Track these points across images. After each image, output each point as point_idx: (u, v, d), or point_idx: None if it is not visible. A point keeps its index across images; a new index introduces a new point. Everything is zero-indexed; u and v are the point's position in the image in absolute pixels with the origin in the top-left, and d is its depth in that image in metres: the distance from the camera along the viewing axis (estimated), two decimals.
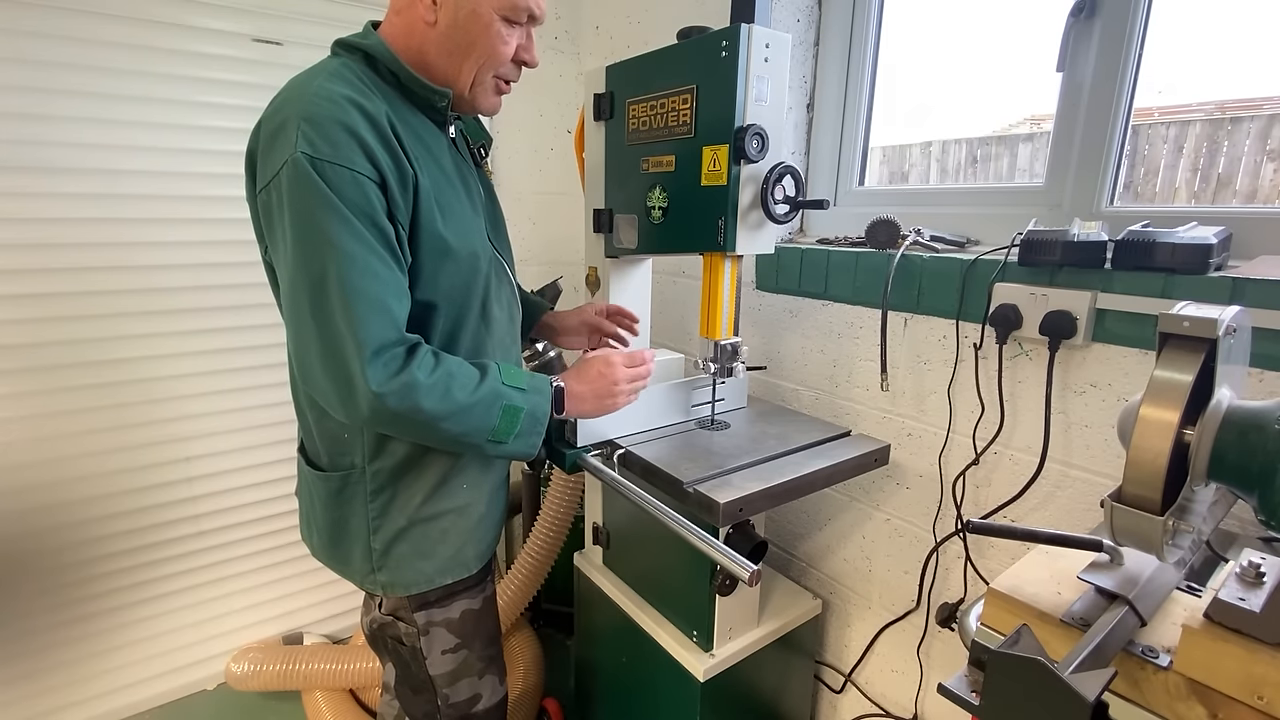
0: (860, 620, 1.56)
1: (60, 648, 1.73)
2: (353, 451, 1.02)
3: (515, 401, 0.95)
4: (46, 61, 1.47)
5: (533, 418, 0.98)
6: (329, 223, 0.82)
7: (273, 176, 0.84)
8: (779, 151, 1.08)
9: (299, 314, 0.85)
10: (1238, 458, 0.60)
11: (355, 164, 0.83)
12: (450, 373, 0.90)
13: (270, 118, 0.87)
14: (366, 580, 1.07)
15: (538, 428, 0.99)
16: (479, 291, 1.02)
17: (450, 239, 0.95)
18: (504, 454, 0.99)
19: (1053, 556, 0.83)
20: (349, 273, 0.82)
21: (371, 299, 0.84)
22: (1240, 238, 1.04)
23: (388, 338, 0.86)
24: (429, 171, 0.94)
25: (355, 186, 0.83)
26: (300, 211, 0.82)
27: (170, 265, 1.68)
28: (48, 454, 1.62)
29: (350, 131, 0.84)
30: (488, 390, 0.93)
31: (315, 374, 0.87)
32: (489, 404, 0.93)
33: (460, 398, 0.90)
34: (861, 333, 1.45)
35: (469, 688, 1.15)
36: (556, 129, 2.19)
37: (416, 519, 1.04)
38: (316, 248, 0.82)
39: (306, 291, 0.84)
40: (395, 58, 0.95)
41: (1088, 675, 0.53)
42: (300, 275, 0.84)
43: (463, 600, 1.12)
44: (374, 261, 0.85)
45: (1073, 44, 1.17)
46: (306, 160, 0.81)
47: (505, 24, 0.96)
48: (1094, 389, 1.10)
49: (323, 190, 0.81)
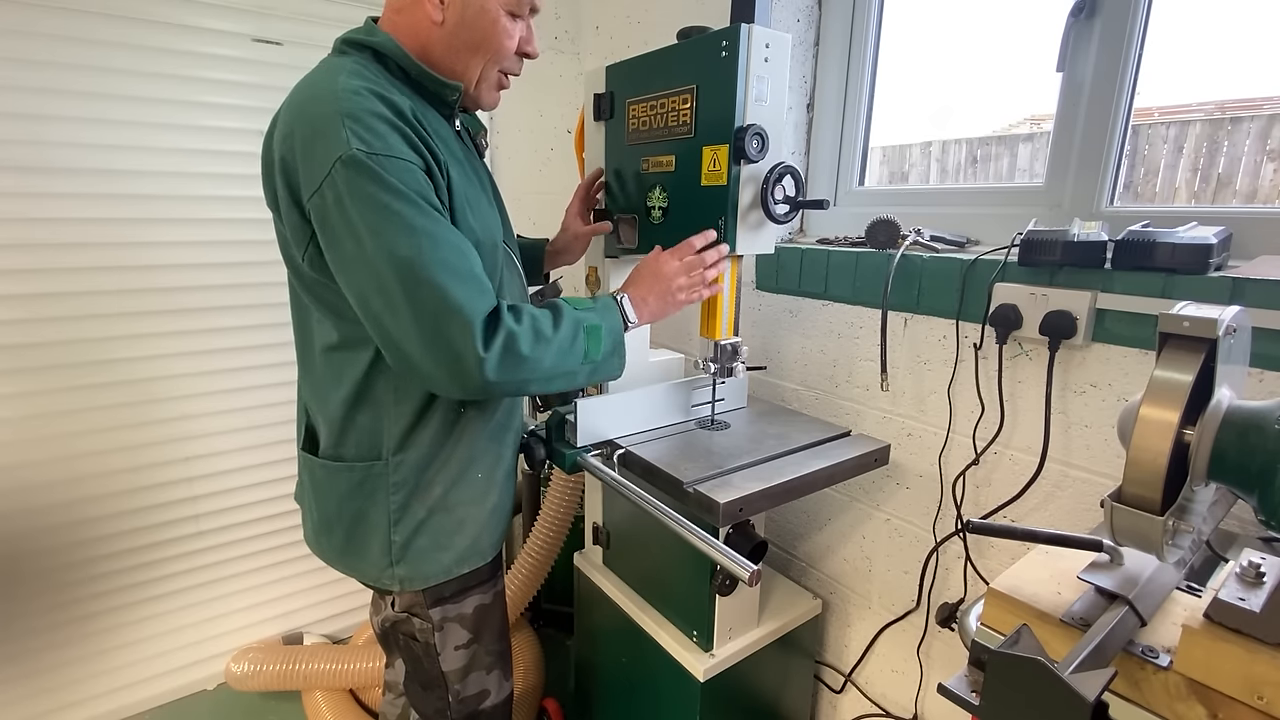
0: (860, 620, 1.56)
1: (60, 648, 1.73)
2: (379, 444, 1.02)
3: (592, 321, 1.00)
4: (46, 62, 1.47)
5: (612, 332, 1.03)
6: (402, 210, 0.84)
7: (325, 177, 0.83)
8: (779, 151, 1.08)
9: (391, 303, 0.85)
10: (1238, 458, 0.60)
11: (405, 154, 0.86)
12: (534, 316, 0.95)
13: (301, 121, 0.87)
14: (384, 575, 1.06)
15: (617, 339, 1.04)
16: (495, 283, 1.02)
17: (477, 229, 0.97)
18: (600, 376, 1.04)
19: (1053, 556, 0.83)
20: (438, 253, 0.85)
21: (464, 272, 0.88)
22: (1240, 238, 1.04)
23: (489, 304, 0.89)
24: (453, 165, 0.95)
25: (411, 175, 0.86)
26: (370, 205, 0.83)
27: (170, 265, 1.68)
28: (47, 454, 1.62)
29: (390, 123, 0.86)
30: (568, 321, 0.97)
31: (419, 356, 0.87)
32: (574, 332, 0.97)
33: (549, 334, 0.94)
34: (861, 333, 1.45)
35: (478, 683, 1.16)
36: (556, 129, 2.19)
37: (435, 510, 1.05)
38: (394, 236, 0.83)
39: (397, 279, 0.84)
40: (405, 53, 0.95)
41: (1088, 675, 0.53)
42: (386, 265, 0.84)
43: (475, 595, 1.13)
44: (454, 237, 0.88)
45: (1073, 44, 1.17)
46: (364, 155, 0.82)
47: (510, 18, 0.97)
48: (1094, 389, 1.10)
49: (388, 181, 0.83)
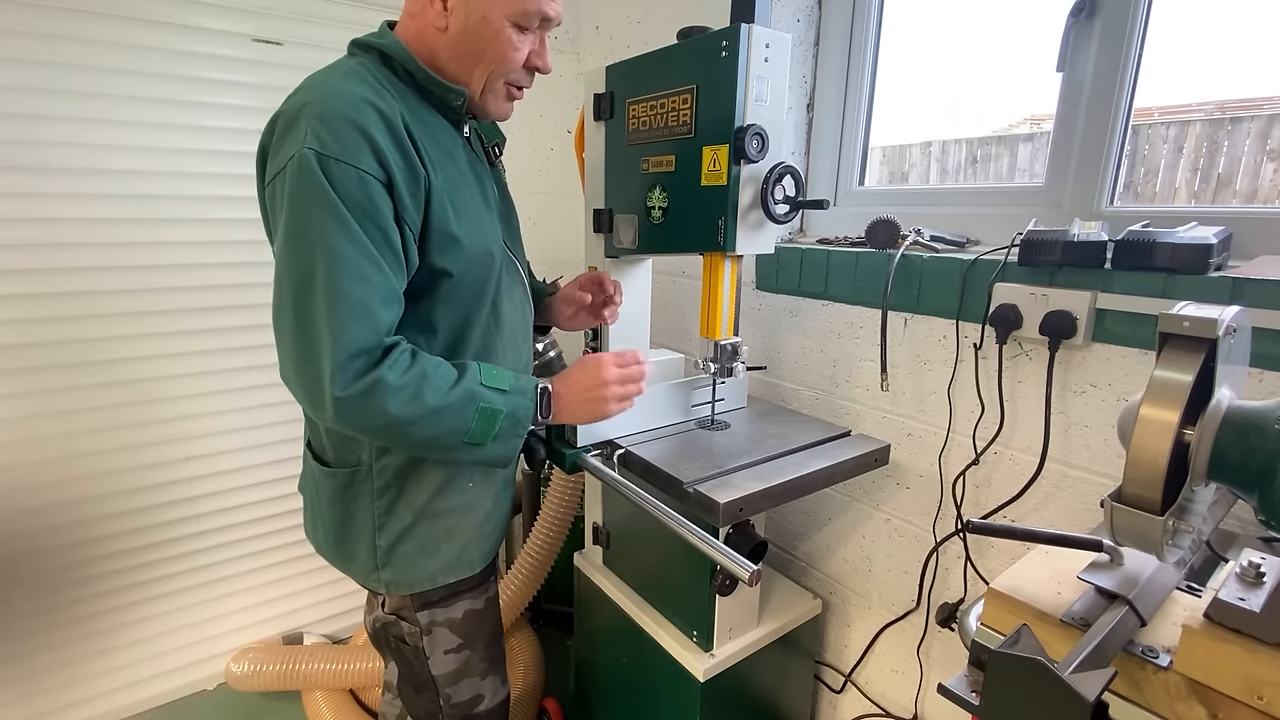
0: (860, 620, 1.56)
1: (60, 648, 1.73)
2: (360, 448, 1.02)
3: (494, 404, 0.92)
4: (46, 62, 1.47)
5: (513, 420, 0.95)
6: (324, 221, 0.82)
7: (279, 170, 0.84)
8: (779, 151, 1.08)
9: (281, 309, 0.86)
10: (1238, 458, 0.60)
11: (362, 163, 0.83)
12: (424, 373, 0.88)
13: (283, 114, 0.88)
14: (370, 578, 1.07)
15: (518, 430, 0.96)
16: (490, 290, 1.02)
17: (463, 237, 0.95)
18: (480, 458, 0.96)
19: (1053, 556, 0.83)
20: (336, 273, 0.82)
21: (354, 301, 0.83)
22: (1240, 238, 1.04)
23: (366, 342, 0.84)
24: (444, 171, 0.94)
25: (359, 185, 0.83)
26: (298, 206, 0.82)
27: (171, 265, 1.68)
28: (47, 454, 1.62)
29: (361, 130, 0.83)
30: (463, 391, 0.90)
31: (289, 371, 0.87)
32: (463, 406, 0.90)
33: (432, 400, 0.87)
34: (861, 333, 1.45)
35: (471, 688, 1.15)
36: (556, 129, 2.19)
37: (422, 516, 1.04)
38: (307, 244, 0.82)
39: (291, 287, 0.84)
40: (411, 57, 0.94)
41: (1088, 675, 0.53)
42: (287, 271, 0.84)
43: (466, 600, 1.12)
44: (364, 264, 0.83)
45: (1073, 44, 1.17)
46: (313, 156, 0.81)
47: (516, 30, 0.94)
48: (1094, 389, 1.10)
49: (324, 187, 0.81)
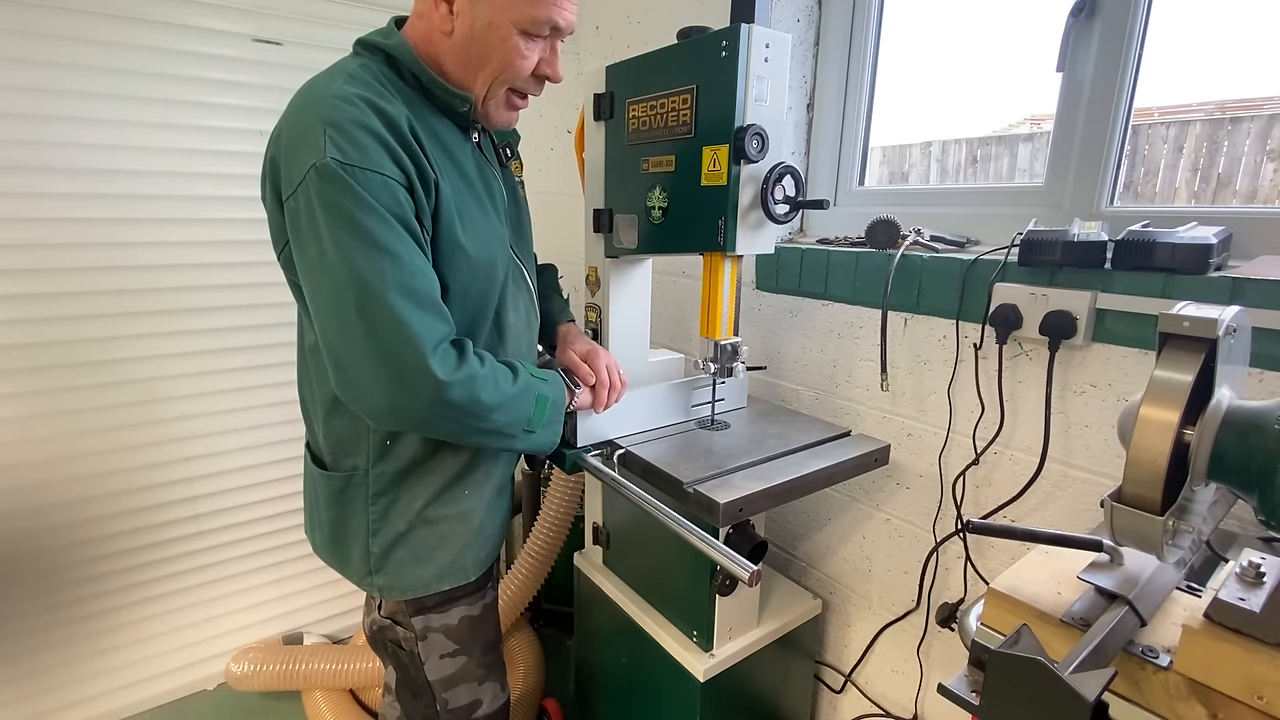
0: (860, 620, 1.56)
1: (60, 648, 1.73)
2: (357, 453, 1.02)
3: (544, 391, 1.00)
4: (46, 61, 1.47)
5: (555, 406, 1.02)
6: (371, 225, 0.82)
7: (300, 182, 0.83)
8: (779, 151, 1.08)
9: (342, 320, 0.84)
10: (1238, 458, 0.60)
11: (384, 168, 0.83)
12: (496, 366, 0.95)
13: (290, 123, 0.86)
14: (364, 581, 1.07)
15: (559, 415, 1.04)
16: (494, 300, 1.02)
17: (469, 246, 0.95)
18: (532, 444, 1.02)
19: (1053, 556, 0.83)
20: (399, 273, 0.83)
21: (424, 296, 0.86)
22: (1240, 238, 1.04)
23: (443, 332, 0.88)
24: (449, 177, 0.93)
25: (386, 190, 0.83)
26: (338, 216, 0.81)
27: (171, 265, 1.68)
28: (47, 454, 1.62)
29: (374, 135, 0.83)
30: (524, 381, 0.97)
31: (361, 373, 0.85)
32: (526, 394, 0.97)
33: (506, 387, 0.94)
34: (861, 333, 1.45)
35: (468, 693, 1.15)
36: (556, 129, 2.19)
37: (416, 523, 1.04)
38: (361, 250, 0.82)
39: (353, 293, 0.83)
40: (417, 60, 0.93)
41: (1088, 675, 0.53)
42: (345, 277, 0.82)
43: (461, 606, 1.11)
44: (418, 260, 0.87)
45: (1073, 44, 1.17)
46: (337, 165, 0.80)
47: (525, 37, 0.92)
48: (1094, 389, 1.10)
49: (359, 194, 0.81)
